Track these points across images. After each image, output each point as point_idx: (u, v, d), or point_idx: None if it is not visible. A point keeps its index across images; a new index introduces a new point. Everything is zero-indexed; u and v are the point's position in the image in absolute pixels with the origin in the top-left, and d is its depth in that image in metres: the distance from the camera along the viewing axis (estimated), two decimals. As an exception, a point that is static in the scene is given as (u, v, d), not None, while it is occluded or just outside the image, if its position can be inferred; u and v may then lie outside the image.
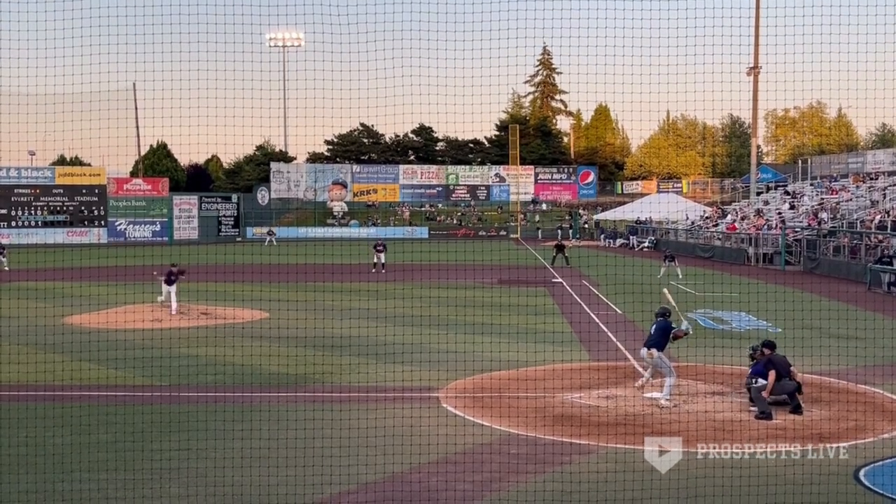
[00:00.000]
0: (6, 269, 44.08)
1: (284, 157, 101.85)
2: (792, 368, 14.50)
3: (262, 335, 22.02)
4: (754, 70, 65.38)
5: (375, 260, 42.17)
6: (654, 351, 14.78)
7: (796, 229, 48.61)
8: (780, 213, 55.77)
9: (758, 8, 63.11)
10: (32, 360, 17.65)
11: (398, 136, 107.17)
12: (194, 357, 18.85)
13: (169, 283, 27.07)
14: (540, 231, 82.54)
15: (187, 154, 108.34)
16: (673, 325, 15.14)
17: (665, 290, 17.29)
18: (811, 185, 62.81)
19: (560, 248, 48.08)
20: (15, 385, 16.24)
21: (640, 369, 17.11)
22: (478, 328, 22.40)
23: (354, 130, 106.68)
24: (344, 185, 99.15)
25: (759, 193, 69.90)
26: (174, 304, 26.80)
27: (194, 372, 17.02)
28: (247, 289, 32.21)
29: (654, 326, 15.15)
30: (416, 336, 19.90)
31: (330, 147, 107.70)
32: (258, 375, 17.06)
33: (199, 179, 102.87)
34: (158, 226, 80.00)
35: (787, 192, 62.63)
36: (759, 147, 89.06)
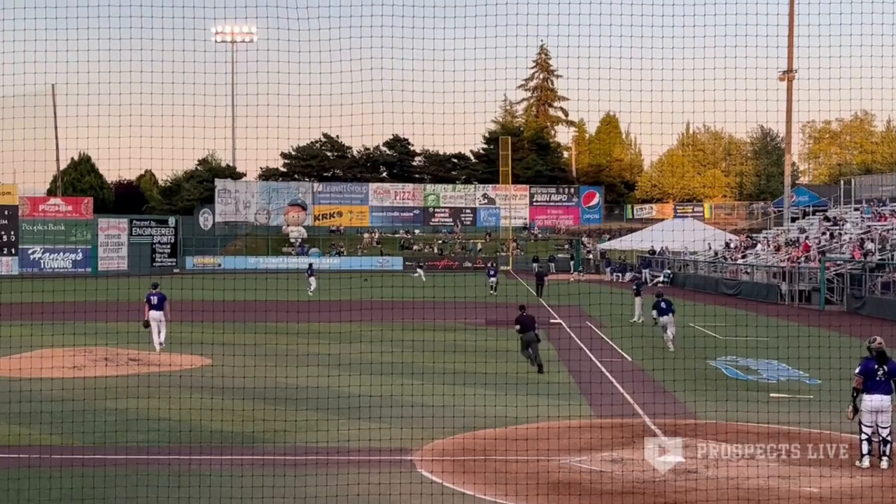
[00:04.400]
0: (310, 294, 49.99)
1: (232, 174, 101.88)
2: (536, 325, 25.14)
3: (204, 385, 21.92)
4: (788, 74, 66.12)
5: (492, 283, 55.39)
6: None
7: (838, 262, 48.98)
8: (818, 243, 56.24)
9: (792, 2, 63.97)
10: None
11: (368, 149, 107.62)
12: (122, 411, 18.73)
13: (158, 307, 27.93)
14: (536, 265, 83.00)
15: (116, 169, 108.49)
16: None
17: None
18: (855, 209, 63.37)
19: (540, 277, 54.60)
20: None
21: (654, 427, 17.19)
22: (460, 377, 22.40)
23: (316, 142, 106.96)
24: (303, 207, 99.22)
25: (794, 219, 70.45)
26: (162, 334, 27.98)
27: (121, 429, 16.91)
28: (185, 330, 32.06)
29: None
30: (386, 387, 19.87)
31: (287, 162, 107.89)
32: (198, 434, 16.97)
33: (129, 199, 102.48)
34: (80, 254, 79.63)
35: (826, 218, 63.18)
36: (794, 165, 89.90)
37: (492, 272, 58.78)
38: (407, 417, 17.60)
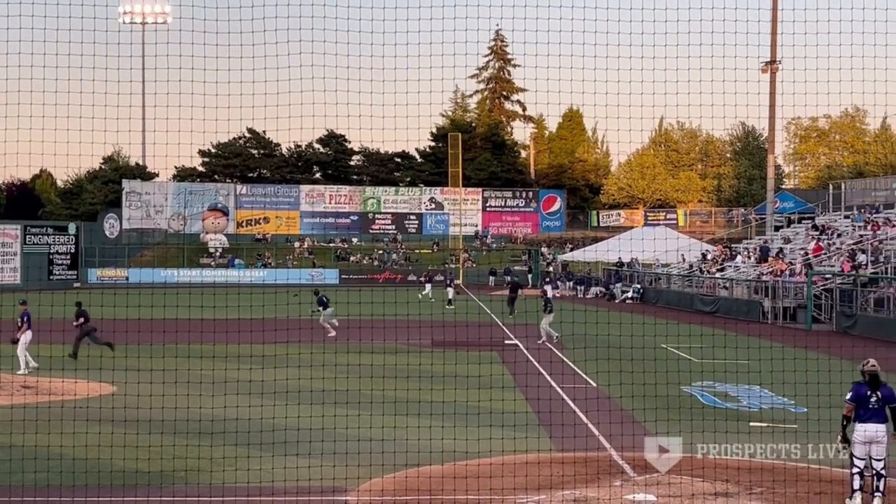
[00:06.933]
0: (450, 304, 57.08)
1: (142, 174, 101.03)
2: None
3: (105, 417, 21.60)
4: (771, 66, 66.95)
5: (450, 296, 60.29)
6: None
7: (826, 276, 49.59)
8: (804, 254, 56.93)
9: (776, -15, 64.80)
10: None
11: (299, 146, 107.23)
12: (10, 448, 18.40)
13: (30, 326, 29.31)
14: (492, 278, 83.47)
15: (3, 167, 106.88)
16: None
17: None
18: (846, 216, 64.28)
19: (514, 289, 53.93)
20: None
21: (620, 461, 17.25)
22: (402, 406, 22.30)
23: (239, 138, 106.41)
24: (224, 212, 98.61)
25: (777, 228, 71.28)
26: (24, 359, 29.21)
27: (8, 469, 16.60)
28: (83, 353, 31.66)
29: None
30: (318, 418, 19.72)
31: (206, 160, 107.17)
32: (98, 473, 16.71)
33: (22, 203, 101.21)
34: (-36, 266, 78.48)
35: (814, 227, 64.02)
36: (777, 166, 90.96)
37: (449, 281, 65.45)
38: (341, 453, 17.46)
